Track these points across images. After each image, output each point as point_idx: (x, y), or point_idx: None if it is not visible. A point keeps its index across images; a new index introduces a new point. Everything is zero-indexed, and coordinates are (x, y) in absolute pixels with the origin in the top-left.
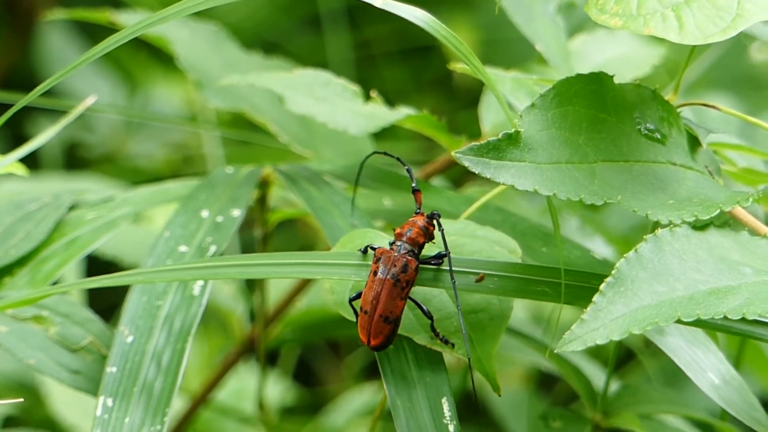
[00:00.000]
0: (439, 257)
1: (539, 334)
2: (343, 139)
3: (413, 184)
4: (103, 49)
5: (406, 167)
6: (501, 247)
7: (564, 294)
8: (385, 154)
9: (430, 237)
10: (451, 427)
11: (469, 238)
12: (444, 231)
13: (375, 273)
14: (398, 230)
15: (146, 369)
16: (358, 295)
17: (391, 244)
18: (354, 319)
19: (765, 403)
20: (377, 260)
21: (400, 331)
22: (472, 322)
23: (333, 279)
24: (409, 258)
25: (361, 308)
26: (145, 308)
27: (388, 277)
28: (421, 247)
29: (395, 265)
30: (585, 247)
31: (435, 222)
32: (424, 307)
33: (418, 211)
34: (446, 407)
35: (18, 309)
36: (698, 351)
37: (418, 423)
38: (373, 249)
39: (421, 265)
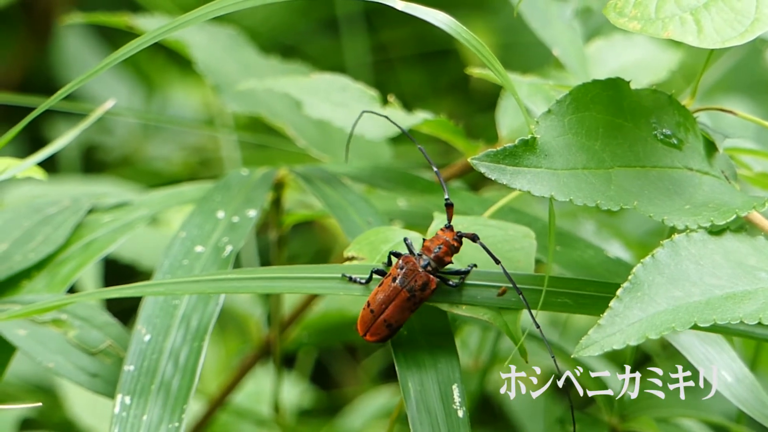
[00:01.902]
0: (459, 273)
1: (556, 337)
2: (360, 144)
3: (446, 197)
4: (122, 54)
5: (436, 170)
6: (514, 231)
7: (581, 306)
8: (420, 150)
9: (456, 253)
10: (460, 413)
11: (481, 226)
12: (485, 246)
13: (394, 279)
14: (427, 243)
15: (164, 367)
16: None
17: (418, 255)
18: None
19: None
20: (401, 267)
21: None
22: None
23: (355, 295)
24: (432, 278)
25: (368, 303)
26: (162, 307)
27: (405, 289)
28: (445, 265)
29: (416, 281)
30: (598, 246)
31: (468, 239)
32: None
33: (448, 225)
34: (456, 393)
35: None
36: (711, 349)
37: (428, 407)
38: (397, 256)
39: (439, 280)
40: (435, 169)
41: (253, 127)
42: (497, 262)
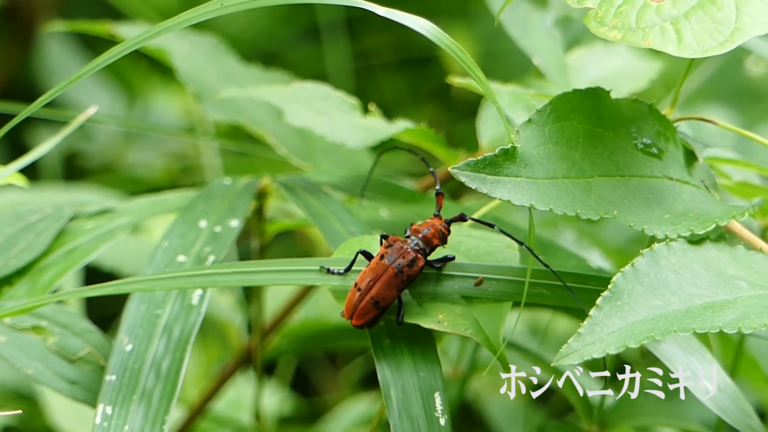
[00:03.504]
0: (445, 260)
1: (535, 346)
2: (341, 152)
3: (437, 187)
4: (103, 61)
5: (431, 170)
6: (498, 243)
7: (558, 297)
8: (411, 151)
9: (443, 241)
10: (442, 421)
11: (465, 237)
12: (477, 219)
13: (382, 257)
14: (415, 227)
15: (145, 377)
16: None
17: (407, 236)
18: None
19: (761, 415)
20: (388, 246)
21: (406, 319)
22: (477, 308)
23: (333, 285)
24: (419, 255)
25: (355, 284)
26: (144, 317)
27: (393, 265)
28: (433, 248)
29: (404, 257)
30: (579, 256)
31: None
32: (402, 312)
33: (437, 213)
34: (438, 401)
35: (17, 319)
36: (693, 359)
37: (411, 415)
38: (366, 255)
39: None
40: (431, 170)
41: (234, 134)
42: (492, 226)
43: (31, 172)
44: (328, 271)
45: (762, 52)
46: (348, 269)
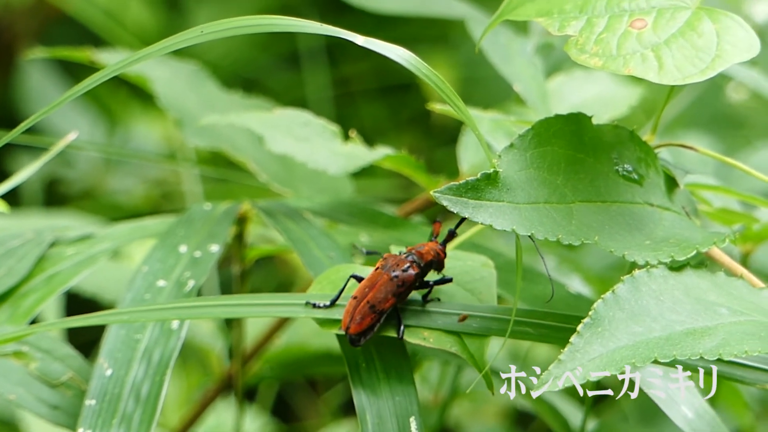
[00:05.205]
0: (443, 281)
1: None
2: (322, 179)
3: (438, 218)
4: (84, 87)
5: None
6: (472, 261)
7: (543, 334)
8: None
9: (439, 263)
10: None
11: None
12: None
13: (377, 268)
14: (410, 248)
15: (125, 401)
16: (357, 280)
17: (401, 252)
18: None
19: None
20: (384, 259)
21: (388, 335)
22: (462, 325)
23: (317, 317)
24: (413, 264)
25: (352, 295)
26: (123, 341)
27: (388, 271)
28: (428, 265)
29: (398, 265)
30: (560, 282)
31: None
32: (402, 327)
33: (433, 239)
34: (414, 426)
35: None
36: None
37: None
38: (357, 279)
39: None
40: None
41: (215, 161)
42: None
43: (12, 198)
44: (314, 305)
45: (742, 79)
46: (333, 302)
